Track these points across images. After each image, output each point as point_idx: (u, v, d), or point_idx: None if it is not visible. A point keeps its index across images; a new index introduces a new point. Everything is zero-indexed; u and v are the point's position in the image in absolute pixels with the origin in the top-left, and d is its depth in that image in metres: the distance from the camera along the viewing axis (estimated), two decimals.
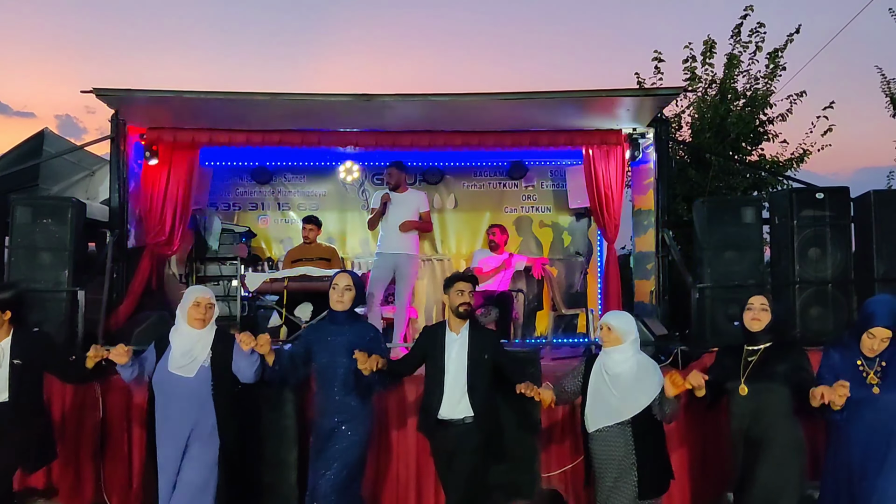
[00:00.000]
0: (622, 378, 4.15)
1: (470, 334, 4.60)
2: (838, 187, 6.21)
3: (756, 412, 4.06)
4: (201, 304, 4.32)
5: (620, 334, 4.21)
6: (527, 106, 6.46)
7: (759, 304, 4.23)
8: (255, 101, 6.33)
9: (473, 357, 4.53)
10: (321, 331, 4.62)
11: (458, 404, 4.48)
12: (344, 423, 4.41)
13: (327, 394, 4.47)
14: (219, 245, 8.20)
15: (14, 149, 8.23)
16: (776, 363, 4.09)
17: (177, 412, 4.21)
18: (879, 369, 3.92)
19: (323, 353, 4.51)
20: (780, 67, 9.98)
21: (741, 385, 4.10)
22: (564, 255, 8.78)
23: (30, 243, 5.97)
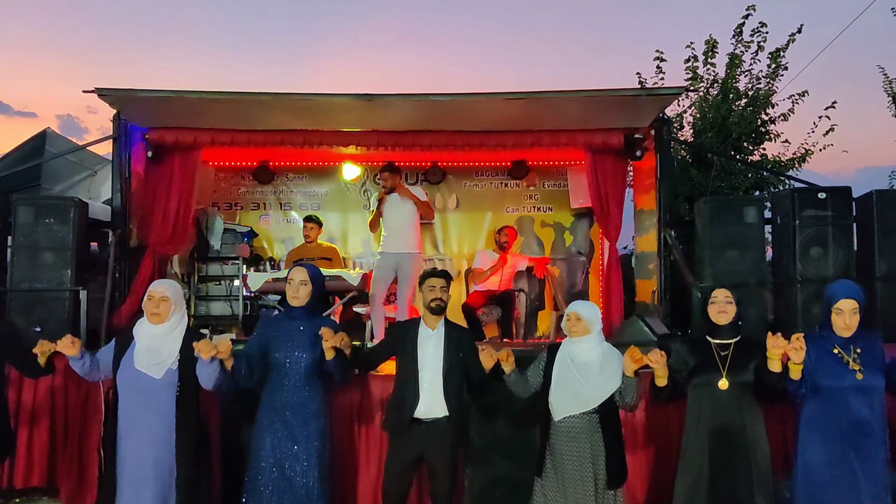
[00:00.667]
0: (589, 367, 4.16)
1: (446, 331, 4.57)
2: (840, 187, 6.21)
3: (733, 407, 3.99)
4: (154, 298, 4.13)
5: (589, 324, 4.22)
6: (528, 105, 6.46)
7: (723, 297, 4.14)
8: (257, 101, 6.34)
9: (449, 354, 4.49)
10: (277, 326, 4.42)
11: (434, 402, 4.42)
12: (302, 421, 4.26)
13: (283, 391, 4.29)
14: (221, 245, 8.22)
15: (16, 149, 8.25)
16: (748, 358, 4.04)
17: (141, 412, 4.05)
18: (856, 356, 3.91)
19: (280, 349, 4.32)
20: (781, 67, 9.98)
21: (722, 379, 3.99)
22: (566, 255, 8.79)
23: (32, 243, 5.98)
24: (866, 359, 3.91)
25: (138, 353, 4.11)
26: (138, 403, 4.06)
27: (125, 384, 4.10)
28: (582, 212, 8.65)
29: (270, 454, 4.24)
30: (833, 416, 3.91)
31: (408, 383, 4.47)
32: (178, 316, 4.22)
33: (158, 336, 4.14)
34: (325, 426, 4.38)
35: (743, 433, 3.97)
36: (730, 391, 3.98)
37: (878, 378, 3.89)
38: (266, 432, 4.27)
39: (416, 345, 4.52)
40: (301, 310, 4.42)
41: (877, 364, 3.92)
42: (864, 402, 3.87)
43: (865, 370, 3.88)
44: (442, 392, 4.42)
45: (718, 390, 3.99)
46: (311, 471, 4.23)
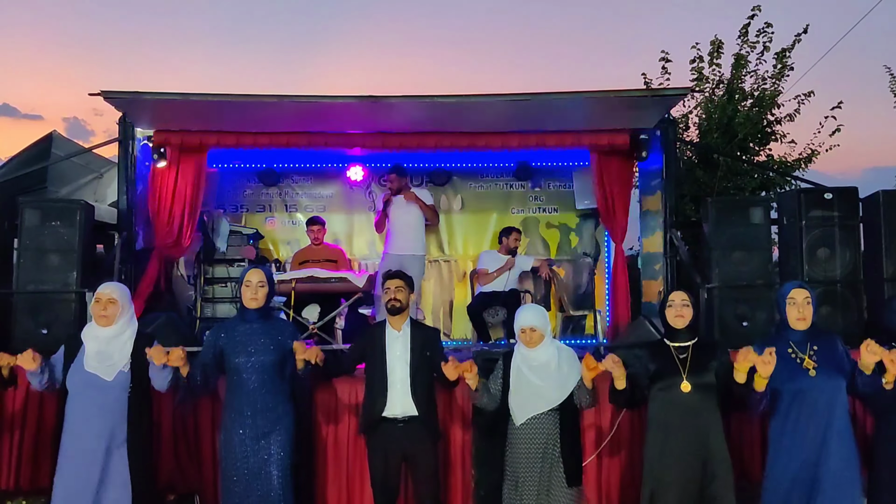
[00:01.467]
0: (547, 366, 4.18)
1: (412, 332, 4.60)
2: (847, 187, 6.20)
3: (695, 409, 3.95)
4: (101, 300, 4.14)
5: (543, 331, 4.23)
6: (533, 107, 6.45)
7: (679, 301, 4.10)
8: (262, 104, 6.34)
9: (416, 354, 4.52)
10: (231, 331, 4.38)
11: (402, 402, 4.45)
12: (269, 426, 4.26)
13: (245, 395, 4.26)
14: (226, 247, 8.22)
15: (22, 151, 8.27)
16: (707, 360, 4.01)
17: (93, 415, 4.04)
18: (812, 353, 3.91)
19: (238, 354, 4.29)
20: (787, 67, 9.97)
21: (683, 381, 3.95)
22: (572, 256, 8.77)
23: (38, 245, 5.99)
24: (823, 357, 3.91)
25: (88, 355, 4.11)
26: (89, 405, 4.05)
27: (75, 385, 4.09)
28: (587, 213, 8.63)
29: (238, 458, 4.23)
30: (792, 416, 3.90)
31: (375, 384, 4.52)
32: (126, 318, 4.23)
33: (108, 339, 4.15)
34: (292, 427, 4.38)
35: (706, 435, 3.93)
36: (691, 394, 3.95)
37: (835, 376, 3.87)
38: (232, 437, 4.26)
39: (384, 346, 4.56)
40: (257, 312, 4.39)
41: (834, 363, 3.91)
42: (819, 400, 3.85)
43: (820, 368, 3.87)
44: (410, 392, 4.45)
45: (681, 393, 3.95)
46: (279, 473, 4.23)
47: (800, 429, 3.87)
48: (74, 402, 4.10)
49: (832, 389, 3.86)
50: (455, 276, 8.69)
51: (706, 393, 3.96)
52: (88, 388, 4.07)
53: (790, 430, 3.91)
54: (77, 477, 3.99)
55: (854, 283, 6.02)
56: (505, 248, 7.82)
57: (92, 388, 4.07)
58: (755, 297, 6.01)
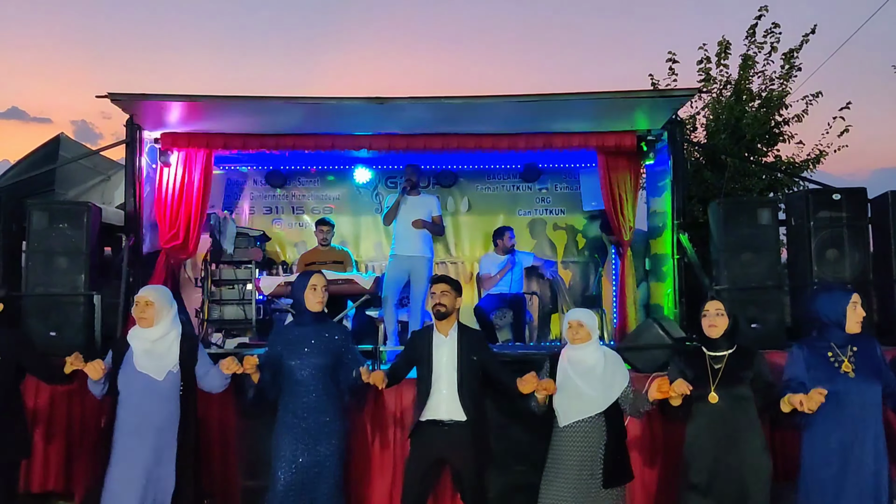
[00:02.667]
0: (593, 371, 4.20)
1: (458, 336, 4.58)
2: (855, 188, 6.17)
3: (725, 420, 3.96)
4: (139, 303, 4.27)
5: (590, 330, 4.26)
6: (540, 108, 6.44)
7: (714, 310, 4.12)
8: (269, 106, 6.34)
9: (462, 358, 4.50)
10: (287, 335, 4.50)
11: (448, 406, 4.44)
12: (319, 426, 4.30)
13: (299, 397, 4.33)
14: (234, 249, 8.23)
15: (30, 154, 8.29)
16: (741, 369, 4.02)
17: (144, 413, 4.16)
18: (851, 354, 3.93)
19: (293, 356, 4.38)
20: (795, 68, 9.94)
21: (711, 392, 3.97)
22: (579, 258, 8.76)
23: (46, 248, 6.01)
24: (862, 361, 3.93)
25: (138, 355, 4.22)
26: (140, 403, 4.17)
27: (127, 386, 4.20)
28: (595, 214, 8.62)
29: (290, 460, 4.26)
30: (829, 420, 3.89)
31: (423, 389, 4.53)
32: (167, 319, 4.33)
33: (153, 340, 4.26)
34: (343, 430, 4.43)
35: (737, 445, 3.94)
36: (722, 404, 3.96)
37: (872, 380, 3.90)
38: (284, 438, 4.31)
39: (431, 351, 4.55)
40: (314, 315, 4.47)
41: (873, 367, 3.93)
42: (856, 404, 3.87)
43: (859, 372, 3.90)
44: (457, 396, 4.44)
45: (709, 403, 3.98)
46: (330, 474, 4.28)
47: (836, 430, 3.89)
48: (126, 401, 4.20)
49: (869, 392, 3.88)
50: (462, 277, 8.68)
51: (737, 403, 3.97)
52: (140, 388, 4.18)
53: (826, 432, 3.92)
54: (128, 474, 4.10)
55: (863, 284, 5.98)
56: (501, 248, 7.83)
57: (143, 387, 4.18)
58: (764, 299, 5.98)
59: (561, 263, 8.74)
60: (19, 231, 6.14)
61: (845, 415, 3.86)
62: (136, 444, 4.13)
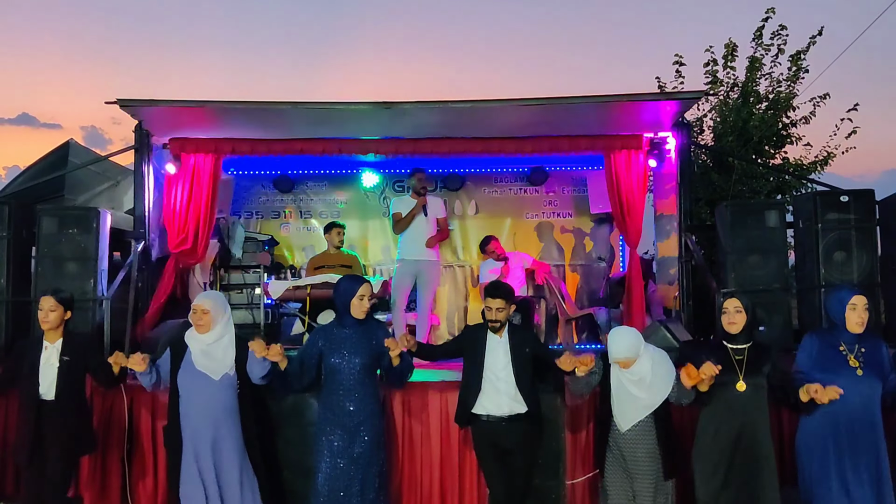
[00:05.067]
0: (643, 379, 4.29)
1: (509, 335, 4.70)
2: (863, 190, 6.14)
3: (747, 408, 4.15)
4: (196, 311, 4.49)
5: (635, 353, 4.30)
6: (547, 111, 6.45)
7: (733, 308, 4.29)
8: (276, 110, 6.38)
9: (517, 356, 4.63)
10: (329, 334, 4.65)
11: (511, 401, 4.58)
12: (360, 424, 4.47)
13: (339, 395, 4.50)
14: (242, 253, 8.26)
15: (40, 160, 8.32)
16: (761, 362, 4.20)
17: (201, 411, 4.41)
18: (860, 353, 4.12)
19: (334, 355, 4.55)
20: (802, 70, 9.92)
21: (740, 381, 4.14)
22: (587, 261, 8.76)
23: (56, 253, 6.03)
24: (869, 359, 4.13)
25: (195, 356, 4.47)
26: (201, 402, 4.42)
27: (186, 385, 4.46)
28: (602, 217, 8.62)
29: (331, 457, 4.44)
30: (829, 409, 4.06)
31: (472, 384, 4.68)
32: (222, 324, 4.55)
33: (209, 343, 4.49)
34: (381, 428, 4.62)
35: (755, 433, 4.13)
36: (745, 393, 4.14)
37: (876, 378, 4.11)
38: (324, 436, 4.50)
39: (485, 350, 4.68)
40: (358, 319, 4.62)
41: (878, 367, 4.14)
42: (859, 401, 4.06)
43: (866, 369, 4.09)
44: (517, 391, 4.59)
45: (735, 392, 4.13)
46: (369, 468, 4.46)
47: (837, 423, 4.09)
48: (186, 400, 4.45)
49: (872, 388, 4.08)
50: (469, 280, 8.69)
51: (758, 392, 4.16)
52: (198, 387, 4.44)
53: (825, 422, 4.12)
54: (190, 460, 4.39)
55: (871, 286, 5.95)
56: (494, 256, 7.87)
57: (202, 386, 4.43)
58: (771, 301, 5.96)
59: (569, 266, 8.74)
60: (29, 236, 6.16)
61: (850, 409, 4.04)
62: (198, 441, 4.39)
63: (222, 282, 8.22)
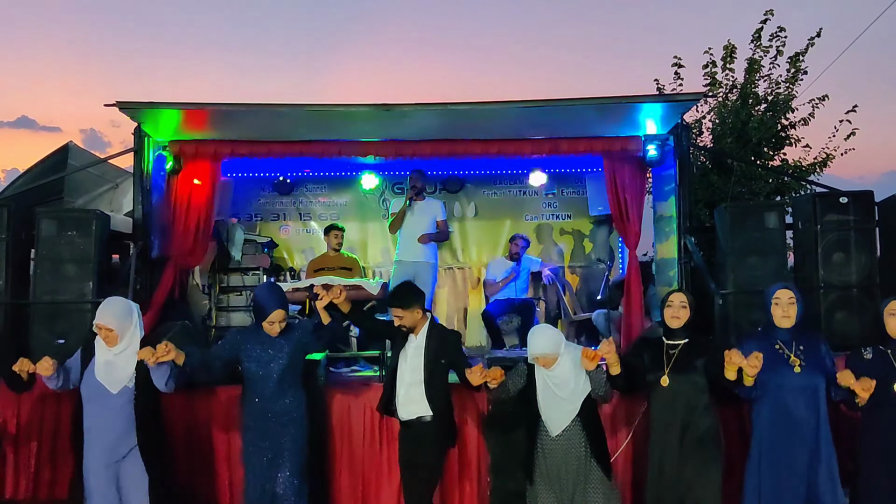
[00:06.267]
0: (566, 380, 4.28)
1: (427, 336, 4.58)
2: (862, 191, 6.15)
3: (676, 403, 4.17)
4: (100, 329, 4.30)
5: (554, 353, 4.28)
6: (546, 113, 6.45)
7: (678, 302, 4.33)
8: (276, 113, 6.37)
9: (430, 359, 4.52)
10: (249, 337, 4.55)
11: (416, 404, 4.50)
12: (279, 429, 4.41)
13: (259, 401, 4.43)
14: (241, 255, 8.25)
15: (39, 162, 8.32)
16: (695, 357, 4.21)
17: (103, 423, 4.26)
18: (799, 351, 4.10)
19: (257, 353, 4.46)
20: (801, 71, 9.93)
21: (664, 376, 4.19)
22: (586, 263, 8.75)
23: (55, 255, 6.03)
24: (808, 357, 4.10)
25: (98, 366, 4.31)
26: (99, 414, 4.27)
27: (87, 393, 4.31)
28: (601, 219, 8.62)
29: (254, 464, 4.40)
30: (773, 411, 4.09)
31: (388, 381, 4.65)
32: (128, 335, 4.37)
33: (115, 354, 4.32)
34: (305, 432, 4.53)
35: (687, 430, 4.14)
36: (672, 388, 4.18)
37: (818, 375, 4.08)
38: (247, 443, 4.46)
39: (401, 349, 4.62)
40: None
41: (818, 362, 4.11)
42: (801, 399, 4.05)
43: (805, 366, 4.07)
44: (423, 396, 4.49)
45: (661, 387, 4.21)
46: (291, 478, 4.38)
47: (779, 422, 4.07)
48: (87, 409, 4.31)
49: (814, 385, 4.07)
50: (469, 282, 8.69)
51: (687, 387, 4.17)
52: (98, 398, 4.28)
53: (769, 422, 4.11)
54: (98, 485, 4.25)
55: (870, 288, 5.96)
56: (510, 254, 7.87)
57: (101, 398, 4.28)
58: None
59: (568, 268, 8.74)
60: (28, 239, 6.16)
61: (792, 407, 4.04)
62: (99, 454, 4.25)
63: (221, 284, 8.21)
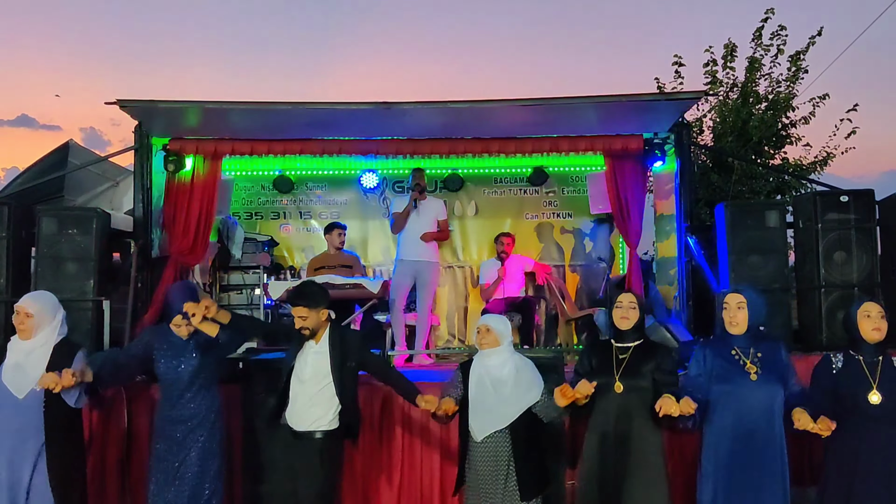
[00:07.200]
0: (504, 382, 4.14)
1: (331, 342, 4.35)
2: (863, 190, 6.15)
3: (627, 411, 4.00)
4: (19, 313, 4.13)
5: (498, 335, 4.21)
6: (547, 112, 6.45)
7: (627, 302, 4.18)
8: (276, 111, 6.37)
9: (336, 365, 4.29)
10: (160, 337, 4.42)
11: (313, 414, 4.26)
12: (189, 431, 4.27)
13: (169, 403, 4.30)
14: (241, 254, 8.25)
15: (39, 161, 8.32)
16: (645, 362, 4.06)
17: (6, 427, 4.04)
18: (756, 358, 3.93)
19: (161, 360, 4.33)
20: (802, 70, 9.93)
21: (616, 382, 4.01)
22: (586, 261, 8.75)
23: (56, 254, 6.03)
24: (766, 363, 3.92)
25: (6, 367, 4.10)
26: (7, 419, 4.05)
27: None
28: (602, 218, 8.61)
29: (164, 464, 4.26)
30: (727, 420, 3.91)
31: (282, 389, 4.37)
32: (46, 331, 4.20)
33: (26, 352, 4.13)
34: (216, 434, 4.39)
35: (634, 438, 3.98)
36: (623, 395, 4.00)
37: (774, 383, 3.89)
38: (159, 443, 4.31)
39: (302, 355, 4.36)
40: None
41: (775, 370, 3.92)
42: (757, 407, 3.87)
43: (762, 374, 3.89)
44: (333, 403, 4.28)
45: (613, 393, 4.01)
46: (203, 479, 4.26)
47: (733, 431, 3.89)
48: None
49: (771, 395, 3.88)
50: (469, 281, 8.69)
51: (638, 394, 4.01)
52: (2, 401, 4.06)
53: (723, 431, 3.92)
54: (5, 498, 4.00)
55: (871, 287, 5.96)
56: (498, 250, 7.85)
57: (5, 401, 4.06)
58: (771, 302, 5.92)
59: (569, 267, 8.73)
60: (29, 237, 6.16)
61: (746, 416, 3.86)
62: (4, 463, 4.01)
63: (221, 282, 8.21)
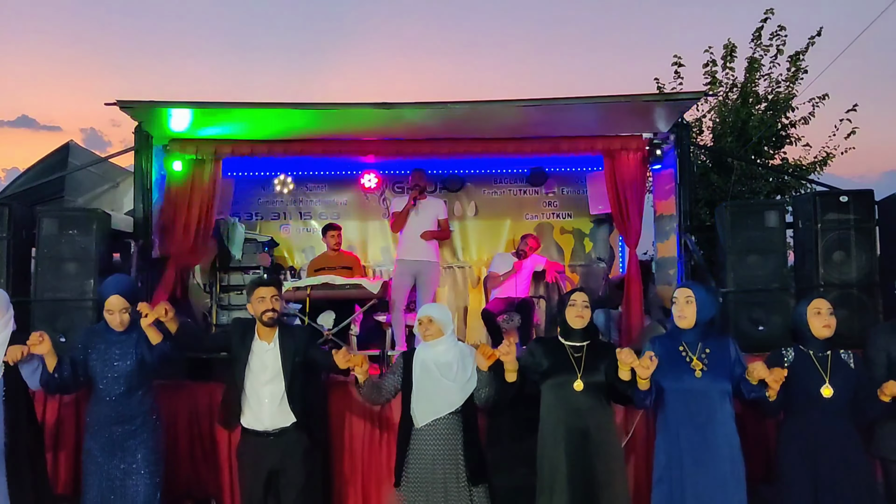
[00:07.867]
0: (450, 366, 4.19)
1: (280, 342, 4.38)
2: (862, 190, 6.15)
3: (587, 408, 4.01)
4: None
5: (441, 325, 4.25)
6: (546, 112, 6.45)
7: (581, 301, 4.16)
8: (276, 112, 6.37)
9: (288, 364, 4.32)
10: (96, 336, 4.37)
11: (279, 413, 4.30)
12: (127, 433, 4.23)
13: (104, 403, 4.24)
14: (242, 254, 8.26)
15: (40, 161, 8.32)
16: (599, 359, 4.07)
17: None
18: (704, 355, 3.93)
19: (97, 360, 4.28)
20: (801, 70, 9.94)
21: (577, 380, 4.00)
22: (586, 262, 8.75)
23: (56, 254, 6.03)
24: (714, 360, 3.93)
25: None
26: None
27: None
28: (601, 218, 8.61)
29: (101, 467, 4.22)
30: (674, 417, 3.92)
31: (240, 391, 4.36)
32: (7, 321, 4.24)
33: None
34: (154, 434, 4.34)
35: (596, 433, 3.98)
36: (584, 392, 4.01)
37: (721, 380, 3.89)
38: (93, 443, 4.25)
39: (250, 357, 4.36)
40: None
41: (723, 367, 3.92)
42: (703, 404, 3.86)
43: (708, 370, 3.88)
44: (287, 403, 4.32)
45: (573, 391, 4.01)
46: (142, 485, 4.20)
47: (682, 428, 3.88)
48: None
49: (718, 392, 3.88)
50: (469, 281, 8.70)
51: (597, 391, 4.04)
52: None
53: (672, 428, 3.92)
54: None
55: (870, 287, 5.96)
56: (517, 250, 7.85)
57: None
58: (770, 302, 5.97)
59: (568, 267, 8.74)
60: (29, 237, 6.17)
61: (692, 412, 3.86)
62: None
63: (222, 283, 8.22)
